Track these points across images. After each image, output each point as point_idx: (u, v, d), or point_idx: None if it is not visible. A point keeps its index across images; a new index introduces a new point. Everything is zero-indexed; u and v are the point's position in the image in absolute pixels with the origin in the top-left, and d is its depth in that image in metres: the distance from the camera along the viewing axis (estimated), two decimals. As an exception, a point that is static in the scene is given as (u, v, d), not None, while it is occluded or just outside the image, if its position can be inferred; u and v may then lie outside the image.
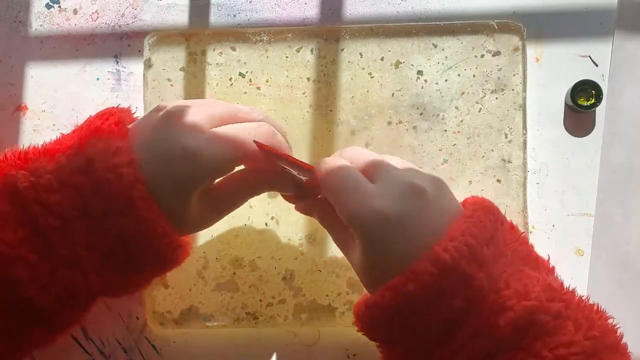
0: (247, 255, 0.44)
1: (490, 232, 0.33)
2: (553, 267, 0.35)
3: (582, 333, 0.31)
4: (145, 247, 0.35)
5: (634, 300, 0.43)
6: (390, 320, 0.33)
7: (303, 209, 0.40)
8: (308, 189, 0.38)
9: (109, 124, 0.35)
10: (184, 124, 0.35)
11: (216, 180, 0.38)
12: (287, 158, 0.37)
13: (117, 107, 0.39)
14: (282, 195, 0.41)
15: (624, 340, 0.33)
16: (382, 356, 0.36)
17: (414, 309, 0.32)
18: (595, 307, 0.33)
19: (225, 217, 0.43)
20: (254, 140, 0.36)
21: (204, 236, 0.44)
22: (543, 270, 0.34)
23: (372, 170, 0.36)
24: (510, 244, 0.34)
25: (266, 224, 0.44)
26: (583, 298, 0.34)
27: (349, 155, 0.37)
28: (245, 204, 0.43)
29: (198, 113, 0.36)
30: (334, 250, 0.43)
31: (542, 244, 0.44)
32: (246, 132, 0.36)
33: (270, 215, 0.44)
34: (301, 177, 0.37)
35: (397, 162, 0.36)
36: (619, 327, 0.33)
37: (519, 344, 0.31)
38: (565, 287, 0.34)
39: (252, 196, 0.39)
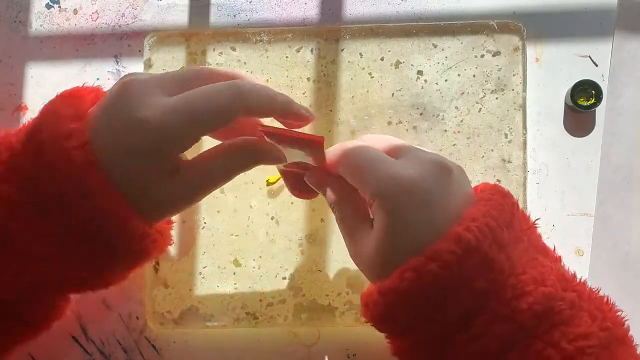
0: (247, 255, 0.44)
1: (508, 216, 0.32)
2: (560, 256, 0.35)
3: (597, 324, 0.31)
4: (105, 234, 0.32)
5: (634, 300, 0.43)
6: (409, 305, 0.31)
7: (315, 181, 0.36)
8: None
9: (66, 105, 0.33)
10: (140, 93, 0.32)
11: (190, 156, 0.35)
12: (292, 135, 0.33)
13: (82, 86, 0.36)
14: (288, 188, 0.39)
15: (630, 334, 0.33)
16: (392, 347, 0.34)
17: (435, 292, 0.30)
18: (605, 299, 0.33)
19: (225, 217, 0.44)
20: (259, 127, 0.33)
21: (204, 236, 0.44)
22: (552, 260, 0.34)
23: (395, 150, 0.34)
24: (526, 230, 0.34)
25: (266, 224, 0.44)
26: (593, 290, 0.33)
27: (366, 139, 0.36)
28: (246, 204, 0.44)
29: (157, 79, 0.33)
30: (334, 250, 0.43)
31: (542, 244, 0.44)
32: (209, 98, 0.32)
33: (270, 215, 0.44)
34: (308, 157, 0.35)
35: (417, 146, 0.35)
36: (627, 320, 0.33)
37: (537, 331, 0.30)
38: (576, 278, 0.33)
39: (234, 174, 0.35)
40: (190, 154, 0.35)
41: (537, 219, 0.35)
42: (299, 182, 0.38)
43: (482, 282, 0.30)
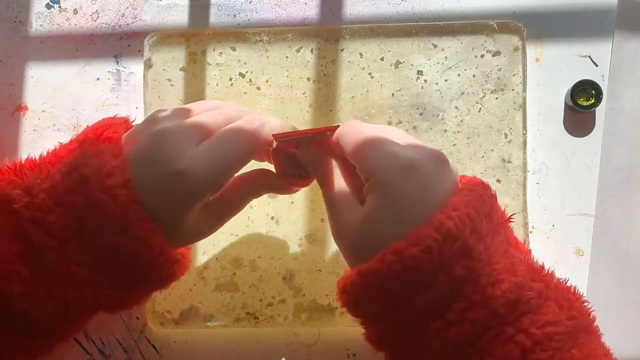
0: (247, 255, 0.44)
1: (488, 208, 0.33)
2: (530, 250, 0.36)
3: (564, 313, 0.32)
4: (141, 265, 0.34)
5: (633, 300, 0.43)
6: (387, 288, 0.32)
7: (307, 158, 0.38)
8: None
9: (104, 139, 0.35)
10: (175, 145, 0.34)
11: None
12: (308, 132, 0.37)
13: (115, 117, 0.39)
14: (278, 170, 0.40)
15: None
16: (366, 333, 0.35)
17: (414, 276, 0.31)
18: (572, 289, 0.34)
19: (226, 217, 0.44)
20: (272, 135, 0.36)
21: (204, 236, 0.44)
22: (523, 252, 0.35)
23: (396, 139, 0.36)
24: (503, 223, 0.35)
25: (266, 224, 0.44)
26: (561, 280, 0.34)
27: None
28: (245, 204, 0.44)
29: (188, 128, 0.35)
30: (334, 250, 0.43)
31: (542, 244, 0.44)
32: (236, 141, 0.36)
33: (270, 215, 0.44)
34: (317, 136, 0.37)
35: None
36: (592, 310, 0.34)
37: (508, 318, 0.31)
38: (545, 270, 0.34)
39: (251, 199, 0.40)
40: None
41: (513, 214, 0.36)
42: (291, 166, 0.39)
43: (460, 269, 0.31)
